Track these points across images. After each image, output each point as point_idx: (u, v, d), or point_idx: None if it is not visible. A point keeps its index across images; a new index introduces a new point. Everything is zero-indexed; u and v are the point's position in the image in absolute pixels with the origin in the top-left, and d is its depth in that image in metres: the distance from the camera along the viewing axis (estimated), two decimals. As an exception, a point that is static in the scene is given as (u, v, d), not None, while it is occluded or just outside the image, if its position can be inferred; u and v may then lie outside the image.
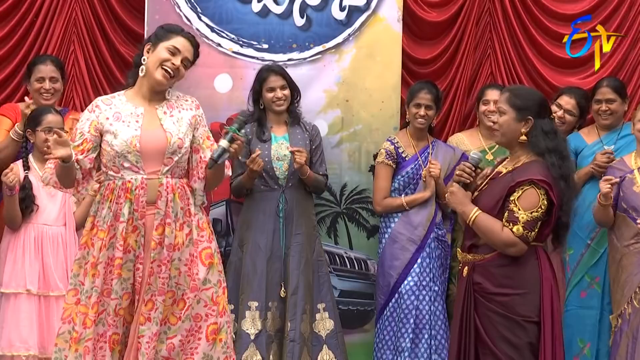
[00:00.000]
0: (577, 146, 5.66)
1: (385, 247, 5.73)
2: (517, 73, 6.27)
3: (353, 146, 6.02)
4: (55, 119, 5.27)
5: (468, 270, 4.37)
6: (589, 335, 5.54)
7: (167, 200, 4.18)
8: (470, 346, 4.31)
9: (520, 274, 4.27)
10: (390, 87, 6.00)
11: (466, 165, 4.41)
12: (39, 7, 6.09)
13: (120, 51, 6.15)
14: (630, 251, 5.19)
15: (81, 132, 4.20)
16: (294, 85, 5.65)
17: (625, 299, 5.18)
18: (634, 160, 5.30)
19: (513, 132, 4.32)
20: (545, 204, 4.21)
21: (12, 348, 5.14)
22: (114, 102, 4.26)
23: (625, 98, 5.70)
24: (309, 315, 5.55)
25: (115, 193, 4.17)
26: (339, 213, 6.02)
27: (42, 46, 6.07)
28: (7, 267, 5.22)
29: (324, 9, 5.99)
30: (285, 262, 5.52)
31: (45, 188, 5.17)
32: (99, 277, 4.14)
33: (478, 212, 4.28)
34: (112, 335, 4.14)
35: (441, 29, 6.29)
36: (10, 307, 5.18)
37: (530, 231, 4.20)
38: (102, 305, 4.15)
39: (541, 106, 4.36)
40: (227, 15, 5.96)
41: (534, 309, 4.24)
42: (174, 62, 4.23)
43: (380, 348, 5.69)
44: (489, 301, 4.27)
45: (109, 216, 4.16)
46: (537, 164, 4.27)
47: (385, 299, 5.68)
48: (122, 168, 4.17)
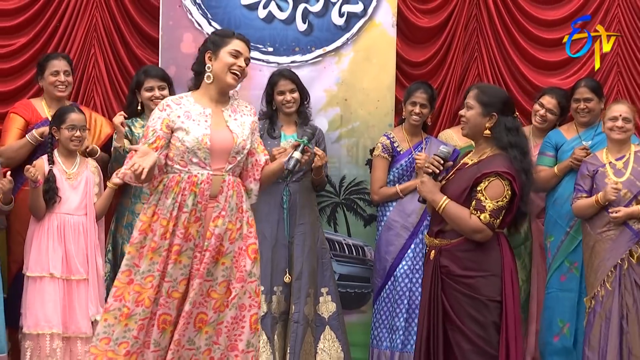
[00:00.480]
0: (557, 142, 5.78)
1: (381, 234, 5.84)
2: (502, 74, 6.38)
3: (351, 141, 6.14)
4: (79, 117, 5.38)
5: (435, 253, 4.44)
6: (568, 316, 5.66)
7: (226, 196, 4.24)
8: (439, 324, 4.38)
9: (484, 258, 4.35)
10: (385, 87, 6.13)
11: (435, 158, 4.49)
12: (62, 13, 6.22)
13: (137, 53, 6.29)
14: (602, 238, 5.31)
15: (154, 129, 4.23)
16: (303, 89, 5.74)
17: (598, 282, 5.29)
18: (606, 155, 5.41)
19: (478, 126, 4.42)
20: (509, 194, 4.31)
21: (37, 327, 5.22)
22: (183, 102, 4.29)
23: (601, 97, 5.81)
24: (313, 298, 5.68)
25: (181, 185, 4.20)
26: (338, 203, 6.14)
27: (65, 49, 6.16)
28: (33, 253, 5.32)
29: (325, 15, 6.12)
30: (290, 250, 5.64)
31: (68, 180, 5.37)
32: (159, 262, 4.16)
33: (447, 200, 4.36)
34: (162, 314, 4.16)
35: (432, 34, 6.41)
36: (36, 290, 5.27)
37: (495, 219, 4.29)
38: (159, 287, 4.18)
39: (505, 104, 4.46)
40: (235, 20, 6.07)
41: (497, 290, 4.33)
42: (239, 64, 4.26)
43: (377, 327, 5.81)
44: (455, 282, 4.35)
45: (174, 206, 4.18)
46: (501, 157, 4.37)
47: (381, 282, 5.80)
48: (190, 163, 4.22)
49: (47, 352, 5.23)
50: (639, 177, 5.32)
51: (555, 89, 6.02)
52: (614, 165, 5.38)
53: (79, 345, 5.30)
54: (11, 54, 6.24)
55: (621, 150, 5.42)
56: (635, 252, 5.27)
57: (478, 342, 4.31)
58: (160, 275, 4.18)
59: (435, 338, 4.40)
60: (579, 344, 5.61)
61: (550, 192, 5.81)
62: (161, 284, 4.18)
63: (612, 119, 5.38)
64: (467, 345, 4.32)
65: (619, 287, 5.25)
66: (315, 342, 5.70)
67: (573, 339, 5.66)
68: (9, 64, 6.22)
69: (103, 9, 6.29)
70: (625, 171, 5.36)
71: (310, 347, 5.69)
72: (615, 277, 5.27)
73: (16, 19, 6.25)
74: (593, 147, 5.68)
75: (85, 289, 5.35)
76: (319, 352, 5.70)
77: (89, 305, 5.34)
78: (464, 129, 4.53)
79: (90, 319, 5.33)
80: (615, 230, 5.29)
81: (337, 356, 5.72)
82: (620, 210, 5.24)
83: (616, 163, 5.39)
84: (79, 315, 5.31)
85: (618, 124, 5.36)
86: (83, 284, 5.34)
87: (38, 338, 5.25)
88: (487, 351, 4.31)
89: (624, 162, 5.39)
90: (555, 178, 5.72)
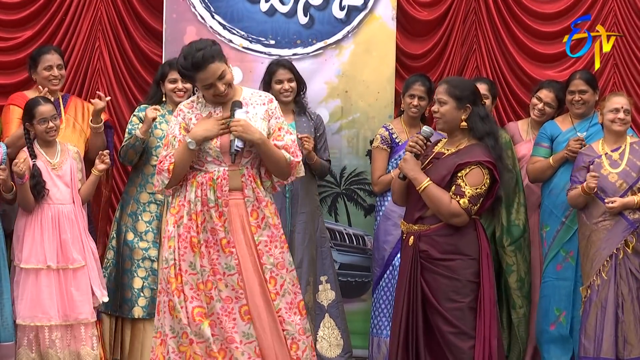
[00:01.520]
0: (552, 133, 5.81)
1: (380, 224, 5.86)
2: (500, 66, 6.40)
3: (352, 133, 6.18)
4: (47, 109, 5.29)
5: (414, 239, 4.49)
6: (564, 304, 5.70)
7: (252, 188, 4.33)
8: (418, 308, 4.44)
9: (462, 242, 4.43)
10: (385, 79, 6.17)
11: (418, 138, 4.54)
12: (67, 7, 6.29)
13: (141, 46, 6.36)
14: (598, 228, 5.33)
15: (173, 135, 4.33)
16: (300, 79, 5.79)
17: (594, 271, 5.30)
18: (602, 146, 5.41)
19: (454, 120, 4.47)
20: (488, 182, 4.40)
21: (35, 319, 5.24)
22: (194, 105, 4.38)
23: (596, 89, 5.83)
24: (313, 286, 5.72)
25: (198, 180, 4.30)
26: (339, 193, 6.18)
27: (71, 42, 6.27)
28: (26, 245, 5.29)
29: (326, 9, 6.15)
30: (291, 238, 5.65)
31: (54, 171, 5.34)
32: (206, 258, 4.27)
33: (429, 182, 4.41)
34: (195, 307, 4.25)
35: (431, 27, 6.43)
36: (31, 282, 5.25)
37: (474, 205, 4.38)
38: (198, 279, 4.28)
39: (475, 94, 4.52)
40: (237, 14, 6.14)
41: (475, 272, 4.42)
42: (216, 92, 4.29)
43: (377, 315, 5.84)
44: (435, 266, 4.42)
45: (197, 201, 4.28)
46: (480, 147, 4.44)
47: (380, 271, 5.81)
48: (207, 162, 4.32)
49: (47, 344, 5.27)
50: (634, 168, 5.33)
51: (552, 82, 6.05)
52: (610, 156, 5.39)
53: (82, 331, 5.33)
54: (17, 46, 6.31)
55: (617, 142, 5.43)
56: (630, 242, 5.29)
57: (457, 323, 4.37)
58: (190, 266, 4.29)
59: (415, 324, 4.45)
60: (575, 332, 5.64)
61: (545, 183, 5.85)
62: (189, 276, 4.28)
63: (614, 110, 5.38)
64: (447, 327, 4.38)
65: (615, 276, 5.27)
66: (315, 329, 5.74)
67: (569, 327, 5.70)
68: (15, 56, 6.30)
69: (108, 2, 6.35)
70: (621, 162, 5.37)
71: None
72: (611, 267, 5.29)
73: (22, 12, 6.33)
74: (588, 138, 5.69)
75: (84, 276, 5.36)
76: (319, 340, 5.76)
77: (94, 290, 5.36)
78: (438, 124, 4.57)
79: (98, 302, 5.38)
80: (610, 220, 5.31)
81: (337, 343, 5.79)
82: (616, 200, 5.26)
83: (612, 154, 5.39)
84: (79, 303, 5.32)
85: (620, 115, 5.36)
86: (81, 270, 5.35)
87: (37, 330, 5.27)
88: (465, 332, 4.37)
89: (619, 153, 5.40)
90: (551, 169, 5.75)
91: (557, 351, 5.74)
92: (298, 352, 4.31)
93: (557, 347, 5.74)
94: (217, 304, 4.27)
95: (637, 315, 5.29)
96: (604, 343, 5.26)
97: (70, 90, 6.24)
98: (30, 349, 5.29)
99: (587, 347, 5.32)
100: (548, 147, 5.82)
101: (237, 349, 4.23)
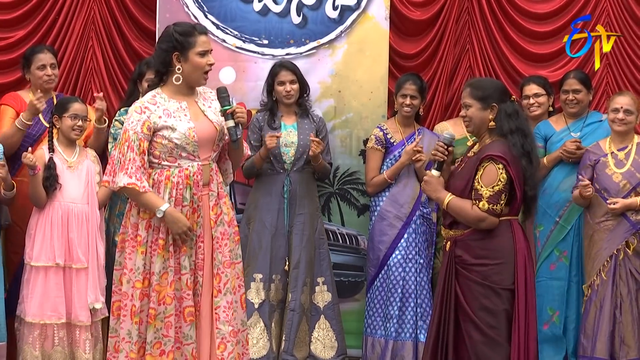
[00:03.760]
0: (546, 133, 5.80)
1: (375, 224, 5.88)
2: (493, 66, 6.39)
3: (345, 132, 6.17)
4: (81, 108, 5.41)
5: (450, 244, 4.46)
6: (558, 304, 5.69)
7: (217, 183, 4.36)
8: (451, 313, 4.38)
9: (496, 246, 4.35)
10: (378, 79, 6.16)
11: (440, 145, 4.51)
12: (60, 6, 6.27)
13: (134, 46, 6.34)
14: (600, 228, 5.38)
15: (134, 131, 4.22)
16: (303, 81, 5.83)
17: (594, 270, 5.36)
18: (609, 145, 5.44)
19: (482, 121, 4.44)
20: (504, 177, 4.30)
21: (44, 317, 5.24)
22: (158, 101, 4.29)
23: (590, 89, 5.82)
24: (309, 287, 5.75)
25: (173, 180, 4.25)
26: (332, 193, 6.17)
27: (64, 42, 6.24)
28: (37, 243, 5.30)
29: (319, 8, 6.15)
30: (289, 239, 5.72)
31: (69, 169, 5.37)
32: (172, 258, 4.25)
33: (450, 197, 4.39)
34: (186, 307, 4.26)
35: (424, 27, 6.42)
36: (40, 280, 5.27)
37: (495, 204, 4.30)
38: (177, 282, 4.26)
39: (501, 92, 4.47)
40: (231, 13, 6.14)
41: (509, 277, 4.32)
42: (209, 62, 4.29)
43: (371, 315, 5.86)
44: (468, 271, 4.36)
45: (170, 202, 4.24)
46: (497, 142, 4.38)
47: (375, 271, 5.85)
48: (180, 158, 4.26)
49: (56, 342, 5.29)
50: (639, 169, 5.35)
51: (532, 77, 6.03)
52: (616, 155, 5.41)
53: (78, 334, 5.33)
54: (9, 46, 6.29)
55: (624, 141, 5.44)
56: (631, 243, 5.33)
57: (489, 332, 4.32)
58: (174, 271, 4.27)
59: (446, 329, 4.41)
60: (568, 331, 5.67)
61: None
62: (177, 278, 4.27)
63: (614, 110, 5.39)
64: (478, 335, 4.33)
65: (614, 276, 5.31)
66: (310, 330, 5.77)
67: (562, 326, 5.70)
68: (7, 56, 6.27)
69: (101, 2, 6.34)
70: (626, 162, 5.39)
71: (305, 335, 5.76)
72: (611, 267, 5.32)
73: (15, 12, 6.31)
74: (582, 139, 5.70)
75: (84, 278, 5.35)
76: (313, 341, 5.77)
77: (88, 294, 5.34)
78: (469, 127, 4.53)
79: (89, 307, 5.34)
80: (613, 221, 5.34)
81: (331, 345, 5.78)
82: (618, 201, 5.29)
83: (618, 153, 5.42)
84: (78, 304, 5.32)
85: (619, 116, 5.37)
86: (83, 272, 5.34)
87: (46, 328, 5.28)
88: (497, 341, 4.32)
89: (625, 153, 5.42)
90: (545, 169, 5.72)
91: (550, 351, 5.73)
92: (224, 354, 4.32)
93: (550, 347, 5.72)
94: (174, 303, 4.28)
95: (635, 316, 5.32)
96: (598, 342, 5.31)
97: (64, 90, 6.23)
98: (34, 347, 5.28)
99: (585, 346, 5.37)
100: (542, 147, 5.80)
101: (179, 349, 4.29)
